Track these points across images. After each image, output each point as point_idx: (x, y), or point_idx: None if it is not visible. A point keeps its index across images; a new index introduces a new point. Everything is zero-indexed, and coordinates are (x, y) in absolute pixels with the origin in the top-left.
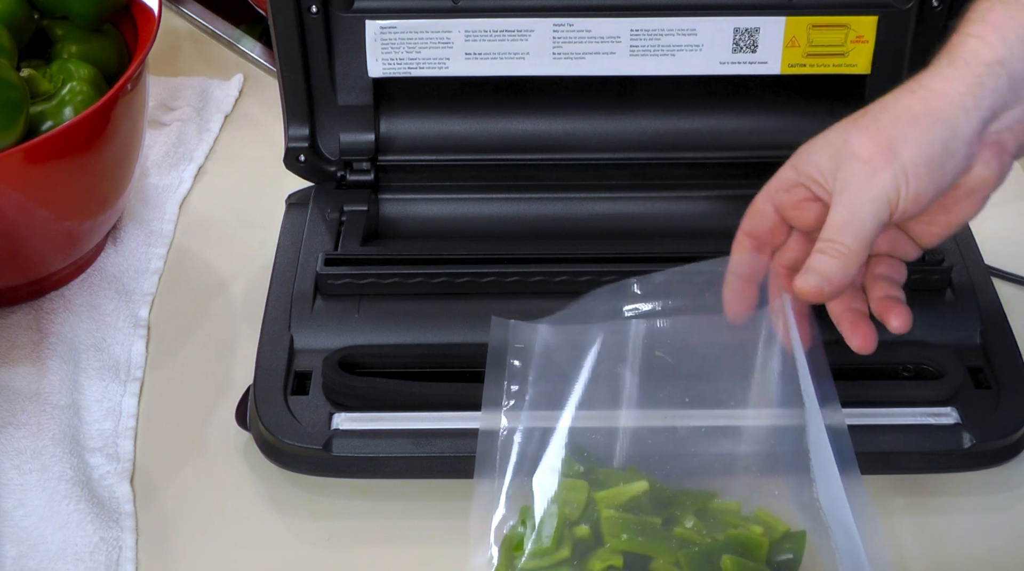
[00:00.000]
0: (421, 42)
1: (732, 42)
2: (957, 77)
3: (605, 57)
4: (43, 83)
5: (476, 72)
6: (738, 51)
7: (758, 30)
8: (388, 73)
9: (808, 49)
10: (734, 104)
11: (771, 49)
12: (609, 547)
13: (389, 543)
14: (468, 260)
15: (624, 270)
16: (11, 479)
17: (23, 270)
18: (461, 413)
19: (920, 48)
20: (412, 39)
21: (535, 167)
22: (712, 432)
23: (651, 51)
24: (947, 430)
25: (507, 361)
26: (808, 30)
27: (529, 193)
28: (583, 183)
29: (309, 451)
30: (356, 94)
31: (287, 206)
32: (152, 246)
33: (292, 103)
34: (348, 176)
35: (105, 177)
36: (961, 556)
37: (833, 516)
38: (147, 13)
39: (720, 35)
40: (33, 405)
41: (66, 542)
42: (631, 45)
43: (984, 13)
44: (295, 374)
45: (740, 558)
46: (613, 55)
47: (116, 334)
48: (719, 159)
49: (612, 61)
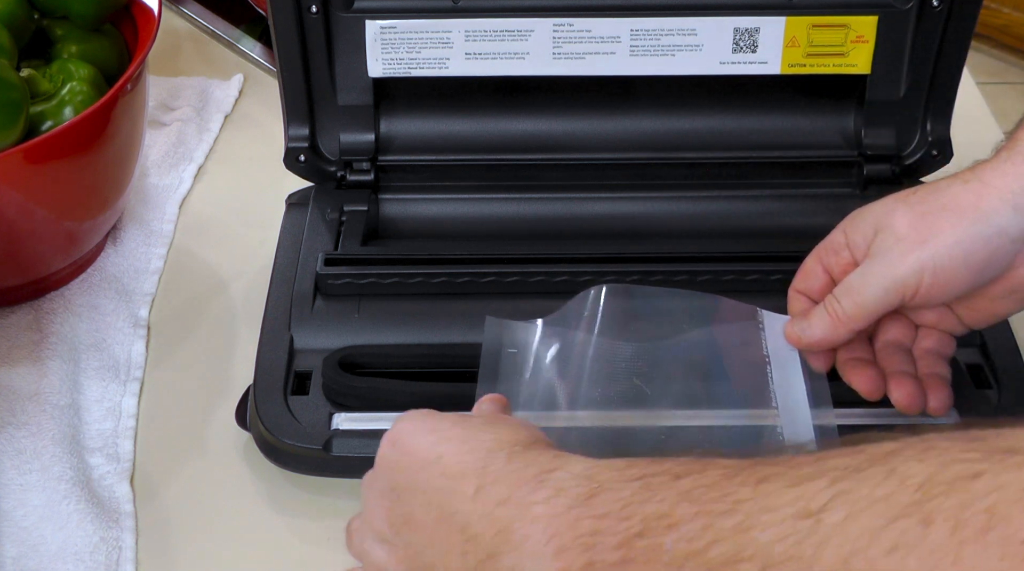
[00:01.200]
0: (421, 42)
1: (732, 42)
2: (1014, 173)
3: (605, 57)
4: (43, 83)
5: (476, 72)
6: (738, 51)
7: (758, 30)
8: (388, 73)
9: (808, 49)
10: (734, 104)
11: (771, 49)
12: None
13: None
14: (468, 260)
15: (624, 270)
16: (11, 479)
17: (23, 270)
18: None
19: (920, 48)
20: (412, 39)
21: (535, 167)
22: (711, 430)
23: (651, 51)
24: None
25: (500, 361)
26: (808, 30)
27: (529, 193)
28: (583, 183)
29: (309, 451)
30: (356, 94)
31: (287, 206)
32: (152, 246)
33: (292, 103)
34: (348, 176)
35: (105, 177)
36: None
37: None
38: (147, 13)
39: (720, 35)
40: (33, 405)
41: (66, 542)
42: (631, 45)
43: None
44: (295, 374)
45: None
46: (613, 55)
47: (116, 334)
48: (719, 159)
49: (612, 61)
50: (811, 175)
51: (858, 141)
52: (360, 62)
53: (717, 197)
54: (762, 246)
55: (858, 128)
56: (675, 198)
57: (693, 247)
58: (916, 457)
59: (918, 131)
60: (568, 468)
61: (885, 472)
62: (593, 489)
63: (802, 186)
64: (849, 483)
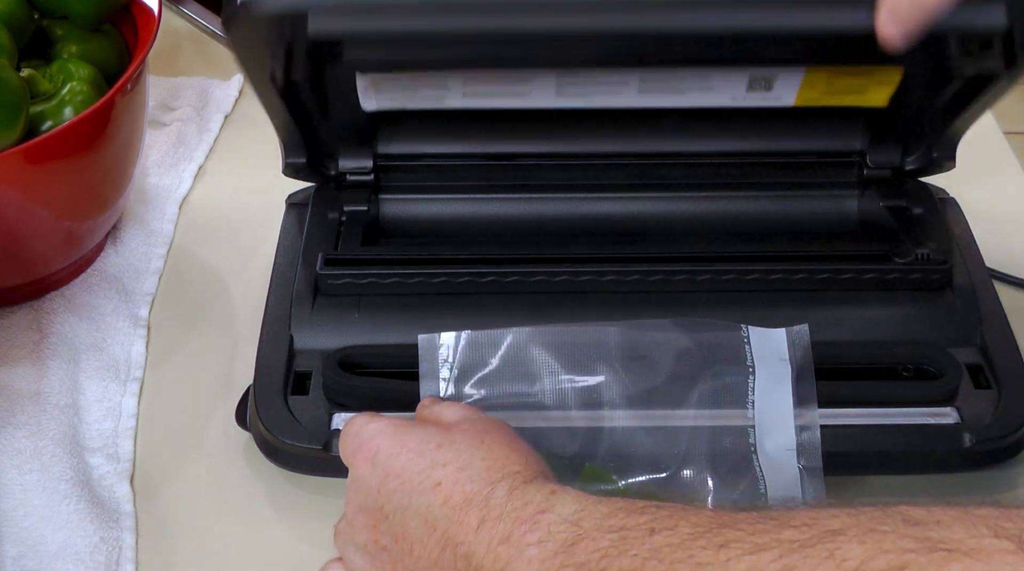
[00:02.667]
0: (416, 86)
1: (747, 85)
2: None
3: (612, 96)
4: (43, 83)
5: (475, 106)
6: (752, 91)
7: (775, 77)
8: (383, 107)
9: (826, 89)
10: (738, 121)
11: (787, 89)
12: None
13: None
14: (468, 260)
15: (624, 270)
16: (11, 479)
17: (23, 270)
18: None
19: (943, 79)
20: (407, 83)
21: (536, 167)
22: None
23: (661, 91)
24: (947, 430)
25: (437, 372)
26: (828, 75)
27: (529, 193)
28: (583, 183)
29: (309, 451)
30: (351, 121)
31: (287, 206)
32: (152, 246)
33: (288, 141)
34: (348, 177)
35: (105, 177)
36: None
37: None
38: (147, 13)
39: (734, 80)
40: (33, 405)
41: (66, 542)
42: (640, 87)
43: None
44: (295, 374)
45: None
46: (620, 94)
47: (116, 334)
48: (718, 160)
49: (619, 98)
50: (811, 175)
51: (861, 152)
52: (353, 99)
53: (717, 197)
54: (761, 246)
55: (863, 146)
56: (675, 198)
57: (693, 248)
58: (857, 539)
59: (922, 149)
60: (559, 510)
61: (827, 552)
62: (577, 536)
63: (802, 186)
64: (795, 558)
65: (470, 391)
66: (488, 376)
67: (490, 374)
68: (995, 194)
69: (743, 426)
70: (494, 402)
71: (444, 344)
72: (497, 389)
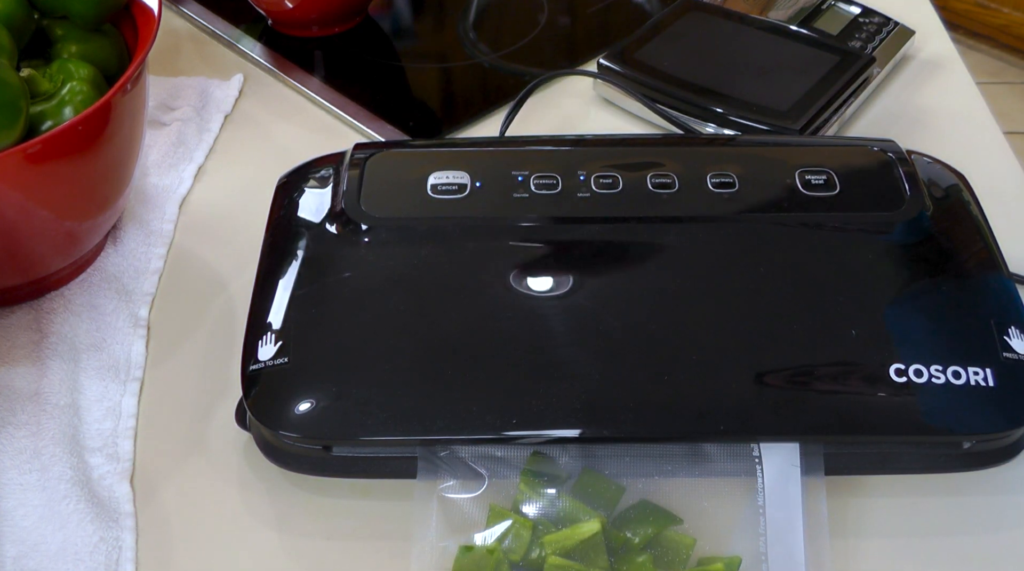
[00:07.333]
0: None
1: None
2: None
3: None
4: (43, 83)
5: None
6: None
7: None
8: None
9: None
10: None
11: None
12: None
13: (389, 543)
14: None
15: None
16: (11, 479)
17: (23, 270)
18: None
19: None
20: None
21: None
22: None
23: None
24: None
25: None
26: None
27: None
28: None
29: (309, 451)
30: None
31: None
32: (152, 246)
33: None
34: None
35: (105, 177)
36: (961, 556)
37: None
38: (147, 13)
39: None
40: (33, 405)
41: (66, 542)
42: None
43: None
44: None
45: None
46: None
47: (116, 334)
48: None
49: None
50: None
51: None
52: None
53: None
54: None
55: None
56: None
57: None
58: None
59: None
60: None
61: None
62: None
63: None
64: None
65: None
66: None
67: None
68: (995, 194)
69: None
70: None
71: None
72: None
